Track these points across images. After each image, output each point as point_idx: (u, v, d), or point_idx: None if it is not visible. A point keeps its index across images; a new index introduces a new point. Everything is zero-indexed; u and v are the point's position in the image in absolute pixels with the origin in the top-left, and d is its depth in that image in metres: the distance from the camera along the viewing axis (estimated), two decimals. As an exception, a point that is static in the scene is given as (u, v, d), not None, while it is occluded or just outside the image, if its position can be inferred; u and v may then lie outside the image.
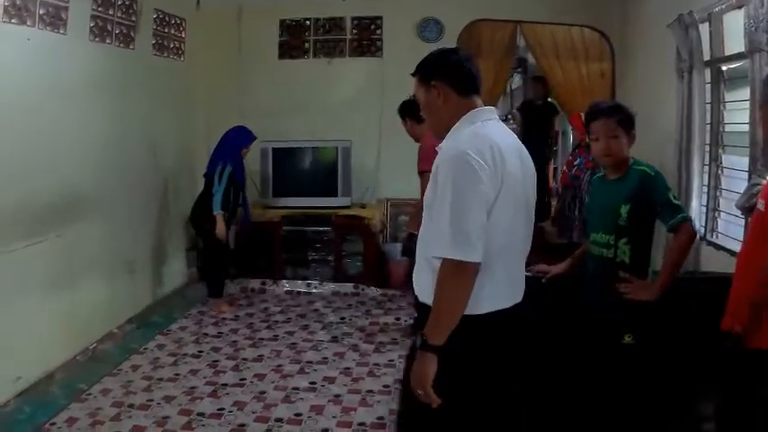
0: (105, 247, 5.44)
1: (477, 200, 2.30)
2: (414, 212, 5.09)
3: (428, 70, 2.60)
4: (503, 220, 2.38)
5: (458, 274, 2.30)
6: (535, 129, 8.55)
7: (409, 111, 5.36)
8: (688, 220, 3.11)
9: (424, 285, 2.48)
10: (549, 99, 8.86)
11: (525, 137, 8.13)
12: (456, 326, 2.32)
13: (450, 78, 2.54)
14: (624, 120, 3.17)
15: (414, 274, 2.61)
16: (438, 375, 2.34)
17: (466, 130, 2.46)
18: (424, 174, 4.96)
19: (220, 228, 6.12)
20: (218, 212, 6.08)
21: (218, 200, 6.08)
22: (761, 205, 2.59)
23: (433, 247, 2.39)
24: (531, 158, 2.60)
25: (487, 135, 2.41)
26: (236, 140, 6.32)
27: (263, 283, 7.16)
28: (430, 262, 2.44)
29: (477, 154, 2.31)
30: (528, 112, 8.84)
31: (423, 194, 4.28)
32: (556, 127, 10.55)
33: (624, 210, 3.12)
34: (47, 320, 4.77)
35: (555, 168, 10.61)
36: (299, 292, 7.06)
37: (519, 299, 2.55)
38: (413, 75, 2.65)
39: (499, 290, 2.45)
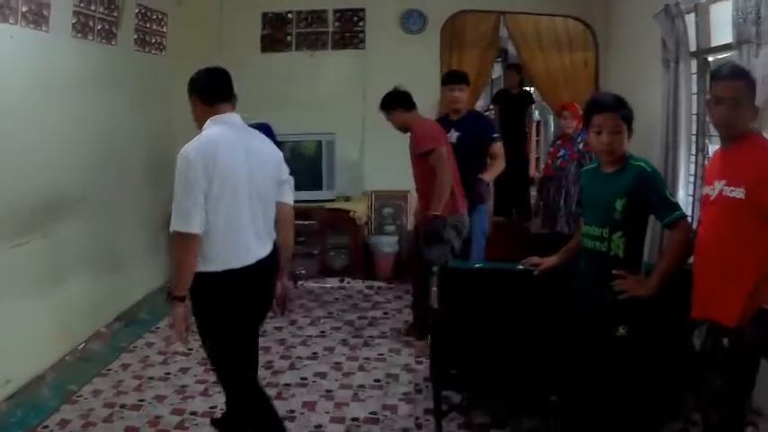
0: (91, 246, 5.40)
1: (191, 187, 2.98)
2: (435, 193, 5.03)
3: (188, 88, 3.35)
4: (221, 201, 3.06)
5: (181, 241, 3.01)
6: (512, 118, 8.53)
7: (397, 100, 5.33)
8: (684, 217, 3.12)
9: None
10: (525, 88, 8.87)
11: (502, 127, 8.12)
12: (200, 279, 3.08)
13: (197, 93, 3.30)
14: (627, 115, 3.15)
15: None
16: (195, 313, 3.19)
17: (202, 134, 3.20)
18: (429, 153, 5.06)
19: None
20: None
21: None
22: (739, 192, 2.76)
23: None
24: (264, 149, 3.37)
25: (210, 138, 3.16)
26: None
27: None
28: None
29: (195, 153, 3.03)
30: (504, 101, 8.82)
31: (422, 174, 5.21)
32: (537, 116, 10.58)
33: (620, 204, 3.11)
34: (35, 321, 4.72)
35: (537, 159, 10.61)
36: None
37: (251, 262, 3.18)
38: None
39: (228, 255, 3.12)
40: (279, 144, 6.87)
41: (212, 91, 3.29)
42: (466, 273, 4.10)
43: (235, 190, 3.11)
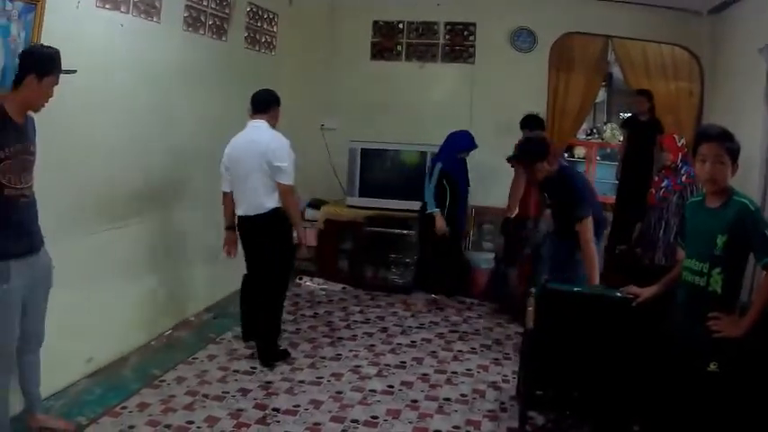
0: (186, 235, 5.44)
1: (222, 165, 4.91)
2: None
3: None
4: (233, 175, 4.87)
5: (222, 196, 5.01)
6: (640, 146, 7.51)
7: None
8: None
9: None
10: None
11: (627, 155, 7.73)
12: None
13: (250, 105, 4.95)
14: (732, 148, 3.13)
15: None
16: None
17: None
18: None
19: (440, 225, 6.55)
20: (432, 211, 6.47)
21: (430, 198, 6.48)
22: None
23: None
24: (261, 142, 4.75)
25: (236, 137, 4.90)
26: (454, 143, 6.53)
27: (344, 289, 7.12)
28: None
29: (227, 146, 4.91)
30: (632, 128, 8.26)
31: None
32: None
33: (721, 240, 3.09)
34: (122, 303, 4.78)
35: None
36: (378, 294, 6.98)
37: (241, 214, 4.92)
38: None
39: (240, 205, 4.91)
40: (381, 152, 6.93)
41: (253, 105, 4.91)
42: (564, 295, 4.05)
43: (235, 169, 4.83)
